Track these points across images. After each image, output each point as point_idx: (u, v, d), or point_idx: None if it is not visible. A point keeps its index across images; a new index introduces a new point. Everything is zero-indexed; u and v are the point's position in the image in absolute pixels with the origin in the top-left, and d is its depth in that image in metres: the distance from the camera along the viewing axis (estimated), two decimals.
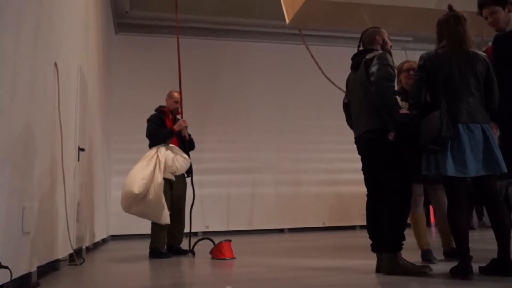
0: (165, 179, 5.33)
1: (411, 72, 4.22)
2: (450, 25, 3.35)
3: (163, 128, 5.66)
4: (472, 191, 3.31)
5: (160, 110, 5.84)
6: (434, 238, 6.89)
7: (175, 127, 5.67)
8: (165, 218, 5.29)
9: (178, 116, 5.88)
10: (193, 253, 5.36)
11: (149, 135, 5.64)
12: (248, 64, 11.13)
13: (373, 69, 3.45)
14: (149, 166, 5.27)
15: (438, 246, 4.42)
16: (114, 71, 10.05)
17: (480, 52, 3.37)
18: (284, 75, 11.20)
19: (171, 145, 5.57)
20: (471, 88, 3.21)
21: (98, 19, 7.32)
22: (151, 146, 5.57)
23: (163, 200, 5.24)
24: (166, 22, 10.49)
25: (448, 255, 4.23)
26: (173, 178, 5.47)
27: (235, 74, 10.99)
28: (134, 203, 5.17)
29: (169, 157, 5.43)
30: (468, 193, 3.25)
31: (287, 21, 7.16)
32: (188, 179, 5.71)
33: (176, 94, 5.85)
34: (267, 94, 11.08)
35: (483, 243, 6.05)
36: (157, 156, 5.36)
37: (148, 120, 5.75)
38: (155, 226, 5.37)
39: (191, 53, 10.05)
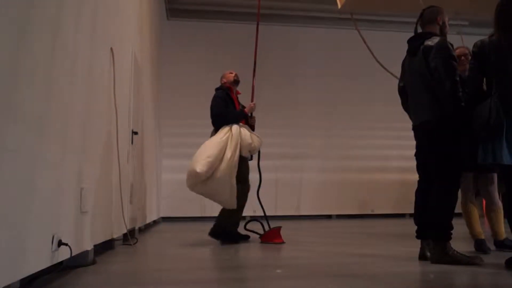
0: (242, 157, 5.04)
1: (462, 58, 4.14)
2: (499, 10, 3.25)
3: (233, 108, 5.32)
4: None
5: (226, 87, 5.44)
6: (487, 228, 6.72)
7: (246, 110, 5.36)
8: (232, 202, 4.91)
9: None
10: (247, 236, 5.29)
11: (218, 113, 5.19)
12: (298, 50, 11.04)
13: (436, 62, 3.36)
14: (220, 144, 4.91)
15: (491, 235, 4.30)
16: (165, 56, 10.19)
17: None
18: (334, 61, 11.04)
19: (241, 124, 5.23)
20: None
21: (151, 5, 7.44)
22: (218, 125, 5.16)
23: (233, 180, 4.87)
24: (217, 7, 10.56)
25: (499, 245, 4.11)
26: (248, 156, 5.25)
27: (284, 60, 10.92)
28: (198, 182, 4.83)
29: (247, 135, 5.10)
30: None
31: (339, 6, 7.06)
32: (251, 163, 5.46)
33: (229, 71, 5.62)
34: (317, 79, 10.98)
35: None
36: (231, 133, 5.01)
37: (216, 97, 5.31)
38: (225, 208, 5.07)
39: (243, 37, 10.07)
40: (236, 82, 5.53)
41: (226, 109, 5.26)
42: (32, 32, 2.23)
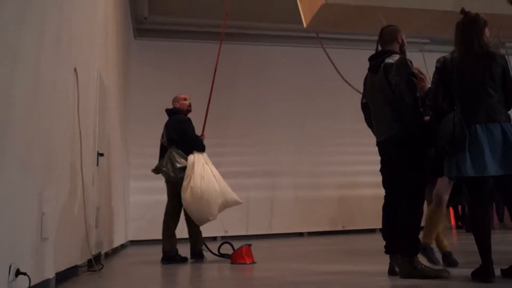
0: None
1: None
2: (461, 29, 3.38)
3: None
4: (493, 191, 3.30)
5: (184, 113, 5.75)
6: (455, 240, 6.79)
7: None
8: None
9: None
10: (222, 255, 5.42)
11: (195, 138, 5.55)
12: (266, 68, 11.12)
13: (396, 80, 3.43)
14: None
15: (459, 248, 4.33)
16: (133, 75, 10.12)
17: (497, 52, 3.36)
18: (302, 78, 11.17)
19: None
20: (487, 89, 3.21)
21: (118, 24, 7.38)
22: (191, 149, 5.49)
23: None
24: (185, 27, 10.59)
25: (423, 250, 3.98)
26: None
27: (253, 78, 10.98)
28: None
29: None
30: (490, 194, 3.25)
31: (305, 25, 7.13)
32: None
33: (182, 95, 5.88)
34: (286, 97, 11.05)
35: (504, 244, 5.96)
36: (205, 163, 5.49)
37: (187, 121, 5.61)
38: (196, 227, 5.41)
39: (208, 58, 10.07)
40: (189, 111, 5.80)
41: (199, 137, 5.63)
42: None
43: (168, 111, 5.81)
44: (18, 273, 2.44)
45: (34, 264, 2.79)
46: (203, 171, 5.32)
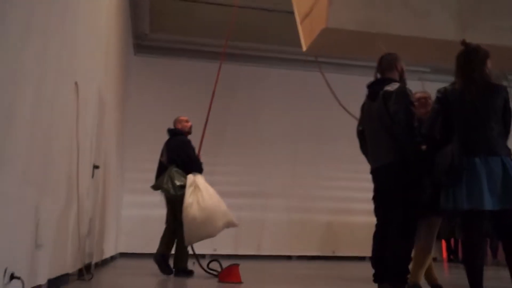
0: None
1: (423, 100, 4.11)
2: (462, 60, 3.37)
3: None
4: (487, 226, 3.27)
5: (185, 135, 5.92)
6: (446, 274, 6.79)
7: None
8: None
9: None
10: (211, 272, 5.42)
11: (195, 160, 5.74)
12: (263, 90, 11.15)
13: (395, 108, 3.43)
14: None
15: (450, 282, 4.28)
16: (131, 91, 10.16)
17: (500, 84, 3.34)
18: (298, 101, 11.18)
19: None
20: (489, 121, 3.19)
21: (119, 40, 7.45)
22: (190, 170, 5.62)
23: None
24: (185, 45, 10.66)
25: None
26: None
27: (249, 99, 11.02)
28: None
29: None
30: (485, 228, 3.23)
31: (304, 48, 7.18)
32: None
33: (184, 117, 6.05)
34: (281, 119, 11.09)
35: (497, 282, 5.88)
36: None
37: (188, 142, 5.81)
38: (183, 244, 5.47)
39: (206, 77, 10.15)
40: (189, 133, 5.97)
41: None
42: None
43: (170, 132, 5.96)
44: (12, 277, 2.48)
45: (28, 270, 2.83)
46: (208, 191, 5.48)
